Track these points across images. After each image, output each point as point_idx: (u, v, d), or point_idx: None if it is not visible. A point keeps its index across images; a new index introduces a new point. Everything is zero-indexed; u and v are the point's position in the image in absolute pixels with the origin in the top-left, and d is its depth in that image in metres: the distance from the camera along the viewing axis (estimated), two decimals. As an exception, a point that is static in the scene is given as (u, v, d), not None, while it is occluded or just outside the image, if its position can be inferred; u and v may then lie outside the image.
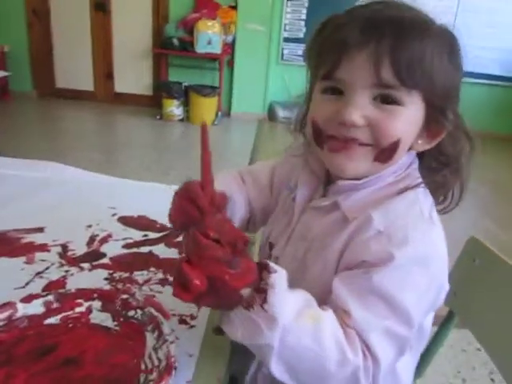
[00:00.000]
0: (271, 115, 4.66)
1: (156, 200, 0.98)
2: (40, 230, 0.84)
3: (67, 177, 1.12)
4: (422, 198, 0.57)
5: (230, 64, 4.70)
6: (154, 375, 0.50)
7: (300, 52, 4.60)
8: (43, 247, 0.78)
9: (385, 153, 0.54)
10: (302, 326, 0.47)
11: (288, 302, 0.47)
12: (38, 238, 0.81)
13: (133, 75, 4.94)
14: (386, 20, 0.51)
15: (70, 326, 0.59)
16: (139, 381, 0.51)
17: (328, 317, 0.49)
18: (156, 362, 0.52)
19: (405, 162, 0.58)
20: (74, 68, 5.00)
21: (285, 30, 4.66)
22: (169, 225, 0.67)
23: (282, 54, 4.74)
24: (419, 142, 0.57)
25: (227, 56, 4.59)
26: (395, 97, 0.52)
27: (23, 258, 0.74)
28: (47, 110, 4.84)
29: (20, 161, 1.17)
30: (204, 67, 4.70)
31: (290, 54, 4.72)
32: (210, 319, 0.63)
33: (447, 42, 0.54)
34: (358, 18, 0.52)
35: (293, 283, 0.51)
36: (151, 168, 3.30)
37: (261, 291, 0.46)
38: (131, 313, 0.60)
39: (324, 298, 0.53)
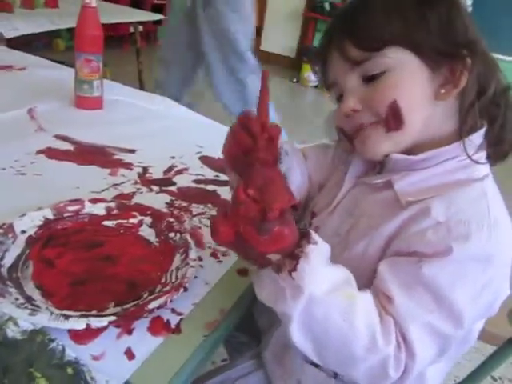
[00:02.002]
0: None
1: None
2: (132, 151, 0.95)
3: (175, 113, 1.23)
4: (491, 192, 0.51)
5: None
6: (167, 288, 0.56)
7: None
8: (128, 165, 0.89)
9: (390, 120, 0.53)
10: (333, 300, 0.45)
11: (322, 276, 0.46)
12: (127, 158, 0.92)
13: (280, 35, 5.02)
14: (341, 13, 0.58)
15: (121, 232, 0.68)
16: (154, 289, 0.57)
17: (365, 298, 0.47)
18: (173, 279, 0.58)
19: (470, 147, 0.52)
20: (227, 21, 5.25)
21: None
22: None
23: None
24: (442, 91, 0.52)
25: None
26: (375, 67, 0.52)
27: (109, 170, 0.85)
28: (197, 58, 5.21)
29: (138, 92, 1.31)
30: (350, 36, 4.56)
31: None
32: (239, 261, 0.66)
33: None
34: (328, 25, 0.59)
35: (330, 259, 0.51)
36: (274, 127, 3.38)
37: (293, 258, 0.45)
38: (171, 234, 0.66)
39: (361, 281, 0.51)
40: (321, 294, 0.45)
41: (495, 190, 0.53)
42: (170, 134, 1.09)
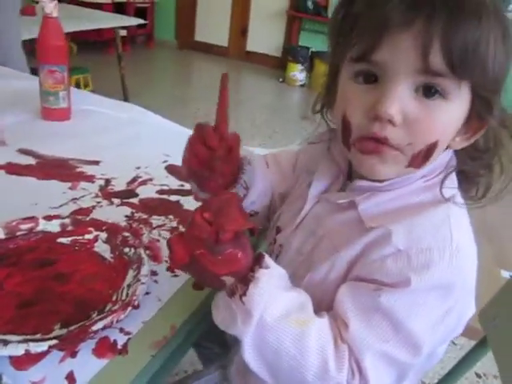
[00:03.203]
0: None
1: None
2: (96, 163, 0.94)
3: (144, 120, 1.22)
4: (455, 217, 0.49)
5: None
6: (117, 307, 0.55)
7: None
8: (90, 178, 0.87)
9: (419, 157, 0.48)
10: (284, 327, 0.45)
11: (273, 301, 0.46)
12: (91, 170, 0.91)
13: (265, 35, 5.02)
14: None
15: (76, 248, 0.67)
16: (104, 308, 0.56)
17: (319, 324, 0.47)
18: (124, 297, 0.57)
19: (437, 166, 0.51)
20: (212, 23, 5.25)
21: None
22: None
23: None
24: (457, 139, 0.50)
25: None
26: (442, 88, 0.44)
27: (69, 184, 0.84)
28: (183, 60, 5.20)
29: (108, 100, 1.29)
30: (334, 34, 4.55)
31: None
32: (196, 273, 0.65)
33: (502, 22, 0.45)
34: None
35: (294, 279, 0.50)
36: (260, 128, 3.38)
37: (245, 282, 0.46)
38: (126, 249, 0.65)
39: (323, 305, 0.51)
40: (271, 320, 0.45)
41: (462, 210, 0.51)
42: (137, 143, 1.07)
